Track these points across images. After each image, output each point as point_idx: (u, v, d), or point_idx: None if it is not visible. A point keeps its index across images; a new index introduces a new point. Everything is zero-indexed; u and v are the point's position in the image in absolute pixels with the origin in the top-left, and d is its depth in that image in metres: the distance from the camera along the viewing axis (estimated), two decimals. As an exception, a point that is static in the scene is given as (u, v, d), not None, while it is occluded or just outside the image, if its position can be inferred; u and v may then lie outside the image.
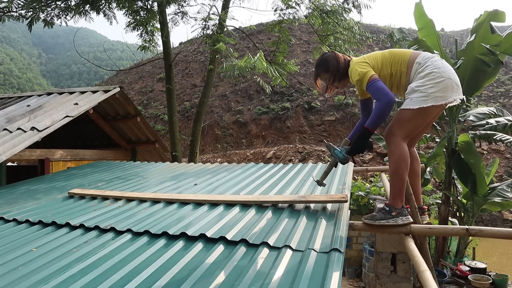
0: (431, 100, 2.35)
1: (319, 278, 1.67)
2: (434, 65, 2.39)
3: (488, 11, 6.15)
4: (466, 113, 7.21)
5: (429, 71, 2.39)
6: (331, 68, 2.64)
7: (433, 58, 2.46)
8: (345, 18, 9.30)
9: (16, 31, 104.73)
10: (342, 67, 2.64)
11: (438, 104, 2.36)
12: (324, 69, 2.69)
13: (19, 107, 6.03)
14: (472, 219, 6.86)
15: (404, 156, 2.39)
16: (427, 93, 2.35)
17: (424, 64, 2.43)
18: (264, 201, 2.80)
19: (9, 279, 1.82)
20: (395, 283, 3.66)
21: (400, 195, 2.41)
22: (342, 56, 2.69)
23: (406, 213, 2.40)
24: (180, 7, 9.54)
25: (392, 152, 2.43)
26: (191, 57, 32.67)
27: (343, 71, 2.64)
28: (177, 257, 1.95)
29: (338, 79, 2.68)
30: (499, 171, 14.71)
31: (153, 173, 4.75)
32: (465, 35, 24.58)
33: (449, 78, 2.38)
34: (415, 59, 2.48)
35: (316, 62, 2.77)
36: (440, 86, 2.35)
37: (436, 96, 2.35)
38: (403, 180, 2.40)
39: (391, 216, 2.36)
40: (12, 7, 8.73)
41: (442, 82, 2.36)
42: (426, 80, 2.37)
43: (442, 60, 2.47)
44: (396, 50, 2.61)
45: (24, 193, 4.05)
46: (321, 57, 2.74)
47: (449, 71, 2.41)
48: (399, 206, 2.39)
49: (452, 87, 2.40)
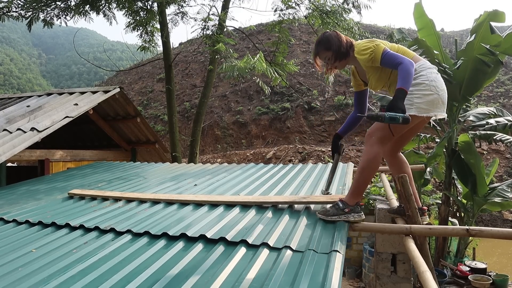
0: (414, 110, 2.36)
1: (319, 278, 1.67)
2: (427, 77, 2.40)
3: (488, 11, 6.15)
4: (466, 113, 7.22)
5: (420, 81, 2.39)
6: (333, 46, 2.58)
7: (430, 69, 2.46)
8: (345, 19, 9.30)
9: (16, 31, 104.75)
10: (344, 46, 2.58)
11: (419, 115, 2.38)
12: (325, 47, 2.61)
13: (19, 108, 6.03)
14: (472, 219, 6.86)
15: (376, 158, 2.41)
16: (412, 102, 2.36)
17: (420, 72, 2.43)
18: (264, 202, 2.80)
19: (9, 280, 1.82)
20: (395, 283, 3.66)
21: (358, 193, 2.44)
22: (344, 36, 2.65)
23: (359, 210, 2.43)
24: (180, 7, 9.54)
25: (366, 151, 2.44)
26: (191, 57, 32.68)
27: (344, 50, 2.58)
28: (177, 258, 1.95)
29: (339, 58, 2.61)
30: (499, 171, 14.71)
31: (153, 174, 4.74)
32: (465, 35, 24.58)
33: (437, 94, 2.40)
34: (415, 64, 2.45)
35: (317, 39, 2.70)
36: (426, 98, 2.37)
37: (420, 107, 2.37)
38: (366, 180, 2.44)
39: (343, 213, 2.38)
40: (12, 7, 8.72)
41: (430, 96, 2.38)
42: (415, 90, 2.38)
43: (437, 74, 2.47)
44: (404, 47, 2.58)
45: (24, 193, 4.04)
46: (323, 35, 2.66)
47: (439, 87, 2.42)
48: (352, 203, 2.41)
49: (438, 103, 2.42)
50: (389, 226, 2.58)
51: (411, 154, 6.90)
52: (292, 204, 2.73)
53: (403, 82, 2.29)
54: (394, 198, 3.59)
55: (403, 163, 2.77)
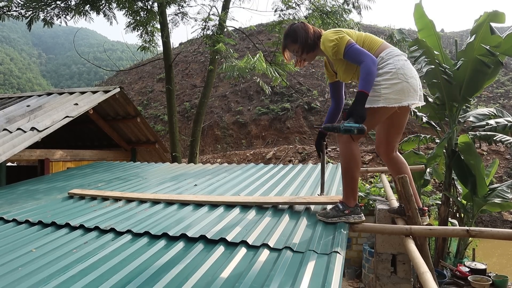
0: (382, 101, 2.29)
1: (319, 279, 1.67)
2: (394, 65, 2.31)
3: (488, 12, 6.15)
4: (466, 114, 7.22)
5: (388, 69, 2.31)
6: (300, 39, 2.51)
7: (397, 56, 2.36)
8: (345, 19, 9.31)
9: (16, 31, 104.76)
10: (311, 38, 2.50)
11: (390, 106, 2.29)
12: (292, 40, 2.55)
13: (19, 107, 6.03)
14: (472, 220, 6.86)
15: (353, 155, 2.38)
16: (380, 93, 2.29)
17: (386, 60, 2.34)
18: (264, 202, 2.80)
19: (9, 280, 1.82)
20: (395, 284, 3.66)
21: (353, 193, 2.41)
22: (312, 27, 2.56)
23: (359, 212, 2.40)
24: (180, 7, 9.55)
25: (342, 152, 2.41)
26: (191, 57, 32.69)
27: (312, 42, 2.51)
28: (178, 258, 1.95)
29: (306, 50, 2.54)
30: (499, 172, 14.71)
31: (153, 174, 4.74)
32: (465, 36, 24.60)
33: (406, 82, 2.30)
34: (381, 52, 2.39)
35: (285, 32, 2.64)
36: (394, 88, 2.29)
37: (388, 98, 2.28)
38: (354, 179, 2.41)
39: (343, 214, 2.36)
40: (12, 6, 8.73)
41: (398, 84, 2.29)
42: (382, 80, 2.30)
43: (406, 61, 2.39)
44: (371, 35, 2.53)
45: (24, 193, 4.04)
46: (290, 27, 2.60)
47: (408, 74, 2.32)
48: (352, 204, 2.39)
49: (409, 91, 2.32)
50: (389, 227, 2.58)
51: (411, 155, 6.90)
52: (292, 204, 2.73)
53: (363, 84, 2.22)
54: (394, 198, 3.59)
55: (401, 163, 2.72)
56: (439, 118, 7.31)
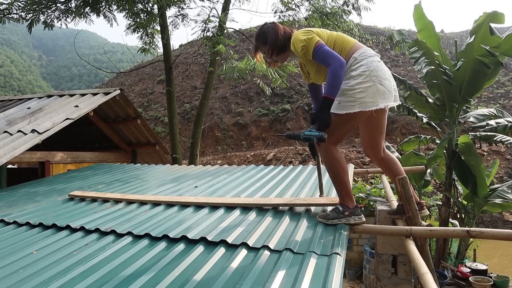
0: (358, 106, 2.25)
1: (320, 280, 1.67)
2: (367, 66, 2.26)
3: (487, 12, 6.16)
4: (466, 115, 7.22)
5: (361, 71, 2.27)
6: (269, 40, 2.47)
7: (371, 57, 2.32)
8: (345, 20, 9.33)
9: (17, 33, 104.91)
10: (281, 39, 2.46)
11: (366, 110, 2.26)
12: (263, 42, 2.52)
13: (19, 110, 6.03)
14: (472, 220, 6.86)
15: (337, 159, 2.36)
16: (355, 98, 2.25)
17: (359, 61, 2.30)
18: (265, 204, 2.79)
19: (10, 282, 1.82)
20: (396, 285, 3.65)
21: (348, 195, 2.39)
22: (283, 28, 2.51)
23: (359, 213, 2.38)
24: (180, 9, 9.56)
25: (324, 159, 2.40)
26: (191, 59, 32.71)
27: (282, 43, 2.47)
28: (178, 260, 1.95)
29: (276, 52, 2.50)
30: (500, 173, 14.70)
31: (153, 176, 4.74)
32: (464, 37, 24.61)
33: (380, 84, 2.26)
34: (354, 53, 2.34)
35: (255, 33, 2.61)
36: (370, 91, 2.25)
37: (364, 102, 2.24)
38: (344, 182, 2.39)
39: (344, 216, 2.35)
40: (13, 9, 8.74)
41: (371, 87, 2.25)
42: (355, 84, 2.26)
43: (379, 62, 2.35)
44: (343, 35, 2.47)
45: (25, 195, 4.05)
46: (260, 28, 2.56)
47: (381, 76, 2.29)
48: (351, 205, 2.38)
49: (384, 93, 2.28)
50: (389, 228, 2.58)
51: (412, 155, 6.90)
52: (293, 206, 2.73)
53: (329, 89, 2.19)
54: (394, 199, 3.59)
55: (390, 161, 2.67)
56: (439, 118, 7.32)
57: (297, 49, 2.38)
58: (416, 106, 7.53)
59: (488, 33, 6.02)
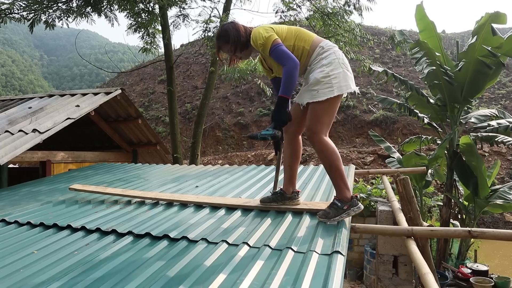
0: (336, 90, 2.38)
1: (321, 280, 1.66)
2: (336, 55, 2.43)
3: (490, 13, 6.15)
4: (468, 115, 7.21)
5: (330, 59, 2.41)
6: (232, 38, 2.57)
7: (335, 47, 2.50)
8: (346, 20, 9.32)
9: (18, 33, 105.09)
10: (243, 35, 2.57)
11: (342, 93, 2.42)
12: (225, 40, 2.60)
13: (20, 109, 6.04)
14: (473, 221, 6.85)
15: (332, 149, 2.42)
16: (332, 83, 2.38)
17: (327, 50, 2.45)
18: (265, 207, 2.77)
19: (11, 282, 1.82)
20: (397, 285, 3.65)
21: (346, 185, 2.42)
22: (242, 26, 2.63)
23: (357, 203, 2.40)
24: (182, 9, 9.56)
25: (319, 151, 2.44)
26: (192, 59, 32.74)
27: (244, 40, 2.57)
28: (178, 259, 1.95)
29: (239, 49, 2.60)
30: (501, 173, 14.68)
31: (154, 175, 4.75)
32: (466, 37, 24.58)
33: (347, 70, 2.44)
34: (319, 43, 2.50)
35: (217, 33, 2.71)
36: (341, 76, 2.40)
37: (340, 86, 2.39)
38: (340, 171, 2.42)
39: (343, 211, 2.36)
40: (14, 9, 8.75)
41: (341, 73, 2.41)
42: (329, 71, 2.40)
43: (340, 51, 2.53)
44: (302, 29, 2.60)
45: (26, 195, 4.05)
46: (221, 28, 2.67)
47: (346, 64, 2.48)
48: (348, 198, 2.39)
49: (351, 78, 2.47)
50: (390, 228, 2.58)
51: (413, 156, 6.89)
52: (293, 211, 2.70)
53: (283, 88, 2.33)
54: (395, 199, 3.59)
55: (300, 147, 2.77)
56: (440, 119, 7.31)
57: (256, 45, 2.49)
58: (418, 106, 7.53)
59: (490, 33, 6.01)
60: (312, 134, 2.43)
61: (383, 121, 20.01)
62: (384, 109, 20.47)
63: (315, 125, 2.42)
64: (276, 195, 2.72)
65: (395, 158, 7.81)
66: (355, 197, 2.42)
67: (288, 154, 2.74)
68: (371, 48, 26.21)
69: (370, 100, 21.99)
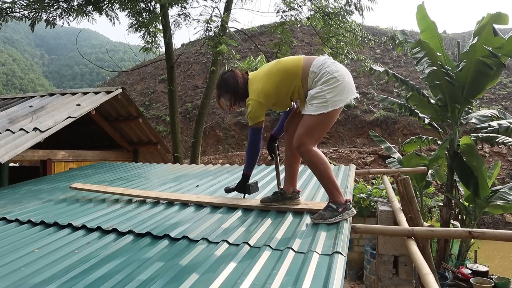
0: (330, 105, 2.40)
1: (321, 280, 1.67)
2: (329, 71, 2.42)
3: (491, 13, 6.15)
4: (468, 116, 7.21)
5: (326, 78, 2.42)
6: (230, 89, 2.67)
7: (326, 63, 2.48)
8: (347, 20, 9.31)
9: (19, 32, 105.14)
10: (242, 87, 2.65)
11: (338, 107, 2.42)
12: (225, 90, 2.71)
13: (21, 108, 6.05)
14: (474, 221, 6.85)
15: (320, 158, 2.45)
16: (326, 98, 2.39)
17: (319, 72, 2.45)
18: (266, 207, 2.77)
19: (11, 280, 1.82)
20: (397, 285, 3.65)
21: (337, 190, 2.47)
22: (241, 75, 2.70)
23: (350, 207, 2.46)
24: (183, 9, 9.55)
25: (309, 162, 2.48)
26: (193, 58, 32.72)
27: (242, 91, 2.66)
28: (179, 258, 1.95)
29: (238, 100, 2.70)
30: (501, 174, 14.67)
31: (155, 175, 4.75)
32: (467, 38, 24.55)
33: (345, 81, 2.44)
34: (309, 69, 2.49)
35: (217, 82, 2.82)
36: (337, 90, 2.41)
37: (334, 101, 2.40)
38: (332, 179, 2.46)
39: (338, 213, 2.40)
40: (15, 8, 8.75)
41: (339, 85, 2.41)
42: (324, 86, 2.41)
43: (335, 62, 2.52)
44: (287, 67, 2.57)
45: (27, 193, 4.05)
46: (221, 77, 2.77)
47: (344, 74, 2.47)
48: (342, 201, 2.44)
49: (349, 89, 2.46)
50: (391, 228, 2.58)
51: (413, 156, 6.89)
52: (294, 210, 2.70)
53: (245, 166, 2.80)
54: (396, 200, 3.59)
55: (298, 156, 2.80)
56: (441, 119, 7.31)
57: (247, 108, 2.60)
58: (418, 106, 7.53)
59: (492, 34, 6.01)
60: (300, 145, 2.46)
61: (383, 121, 20.00)
62: (384, 109, 20.47)
63: (306, 137, 2.44)
64: (276, 195, 2.74)
65: (396, 158, 7.81)
66: (349, 202, 2.47)
67: (289, 154, 2.80)
68: (372, 48, 26.20)
69: (370, 100, 21.98)
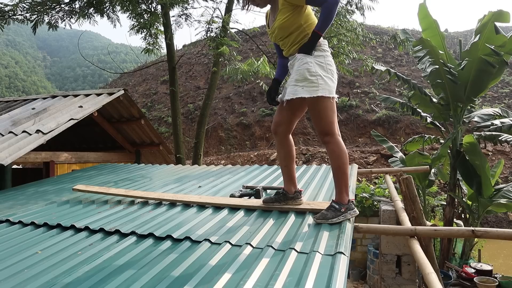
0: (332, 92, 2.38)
1: (324, 280, 1.66)
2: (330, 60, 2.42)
3: (493, 11, 6.13)
4: (471, 114, 7.18)
5: (329, 60, 2.41)
6: None
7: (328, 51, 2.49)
8: (348, 20, 9.30)
9: (21, 34, 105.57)
10: None
11: (334, 95, 2.39)
12: None
13: (24, 110, 6.07)
14: (477, 220, 6.82)
15: (344, 151, 2.40)
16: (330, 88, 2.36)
17: (327, 50, 2.43)
18: (268, 207, 2.77)
19: (15, 282, 1.83)
20: (400, 285, 3.65)
21: (346, 189, 2.42)
22: None
23: (353, 207, 2.42)
24: (184, 9, 9.57)
25: (332, 151, 2.40)
26: (194, 59, 32.78)
27: None
28: (182, 259, 1.95)
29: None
30: (504, 172, 14.62)
31: (157, 175, 4.76)
32: (469, 36, 24.49)
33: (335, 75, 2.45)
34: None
35: None
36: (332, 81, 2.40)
37: (332, 90, 2.38)
38: (346, 175, 2.41)
39: (341, 213, 2.36)
40: (17, 10, 8.79)
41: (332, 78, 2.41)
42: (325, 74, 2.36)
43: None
44: None
45: (31, 195, 4.07)
46: None
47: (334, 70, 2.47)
48: (346, 201, 2.40)
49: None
50: (394, 228, 2.58)
51: (416, 155, 6.87)
52: (296, 210, 2.70)
53: (321, 25, 2.31)
54: (398, 199, 3.58)
55: (292, 146, 2.72)
56: (443, 118, 7.29)
57: None
58: (420, 105, 7.51)
59: (493, 32, 5.99)
60: (329, 136, 2.38)
61: (385, 120, 19.98)
62: (386, 109, 20.43)
63: (329, 126, 2.37)
64: (278, 195, 2.72)
65: (398, 157, 7.80)
66: (352, 202, 2.44)
67: (283, 155, 2.70)
68: (374, 47, 26.18)
69: (372, 99, 21.95)
